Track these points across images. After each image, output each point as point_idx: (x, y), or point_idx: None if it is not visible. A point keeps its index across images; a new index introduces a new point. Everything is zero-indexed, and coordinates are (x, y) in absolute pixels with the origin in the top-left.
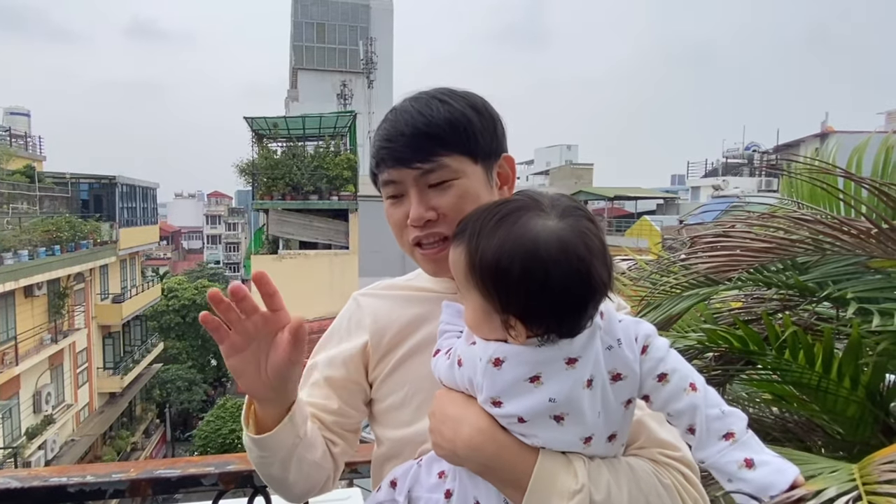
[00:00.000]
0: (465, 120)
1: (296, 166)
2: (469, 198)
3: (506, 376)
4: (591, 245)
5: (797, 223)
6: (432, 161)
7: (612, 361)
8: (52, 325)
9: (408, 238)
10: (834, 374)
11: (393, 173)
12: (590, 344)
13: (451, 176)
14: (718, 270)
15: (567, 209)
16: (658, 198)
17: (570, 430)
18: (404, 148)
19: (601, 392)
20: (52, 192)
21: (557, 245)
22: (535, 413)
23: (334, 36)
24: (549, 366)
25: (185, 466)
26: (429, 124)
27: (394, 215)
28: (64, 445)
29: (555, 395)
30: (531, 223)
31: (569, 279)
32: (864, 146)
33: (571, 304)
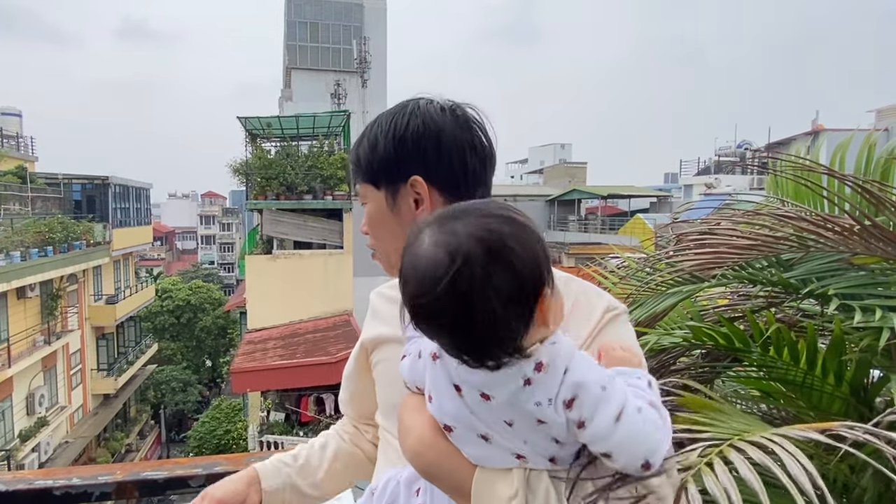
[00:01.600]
0: (371, 149)
1: (290, 166)
2: (373, 219)
3: (438, 372)
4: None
5: (782, 220)
6: (357, 184)
7: (538, 413)
8: (45, 327)
9: None
10: (818, 371)
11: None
12: (503, 390)
13: (366, 199)
14: (703, 268)
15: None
16: (651, 196)
17: (498, 449)
18: (352, 173)
19: (523, 432)
20: (45, 193)
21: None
22: (457, 419)
23: (328, 35)
24: (468, 385)
25: (172, 468)
26: (357, 157)
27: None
28: (58, 447)
29: (476, 417)
30: (422, 238)
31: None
32: (847, 143)
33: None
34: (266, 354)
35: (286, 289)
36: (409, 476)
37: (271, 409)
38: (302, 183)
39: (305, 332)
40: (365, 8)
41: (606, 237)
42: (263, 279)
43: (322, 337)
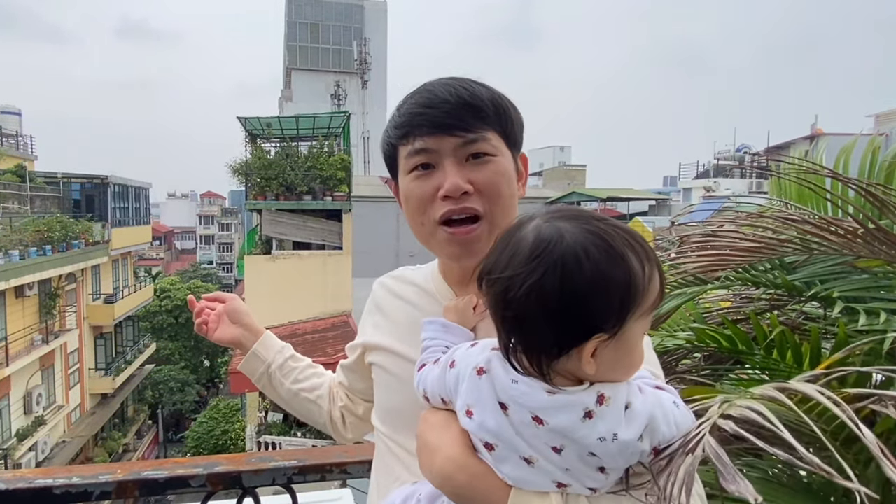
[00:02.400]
0: (505, 103)
1: (289, 166)
2: (505, 178)
3: (483, 387)
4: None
5: (785, 223)
6: (476, 132)
7: (597, 447)
8: (44, 326)
9: (434, 214)
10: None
11: (428, 141)
12: (561, 417)
13: (492, 150)
14: (707, 270)
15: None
16: (650, 199)
17: (541, 473)
18: (445, 115)
19: (570, 460)
20: (44, 192)
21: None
22: (499, 437)
23: (328, 36)
24: (518, 405)
25: (172, 468)
26: (473, 97)
27: (418, 189)
28: (55, 447)
29: (521, 438)
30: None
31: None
32: (851, 147)
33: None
34: None
35: (285, 289)
36: (430, 493)
37: (269, 410)
38: (301, 183)
39: (304, 333)
40: (365, 9)
41: None
42: (262, 279)
43: (321, 338)
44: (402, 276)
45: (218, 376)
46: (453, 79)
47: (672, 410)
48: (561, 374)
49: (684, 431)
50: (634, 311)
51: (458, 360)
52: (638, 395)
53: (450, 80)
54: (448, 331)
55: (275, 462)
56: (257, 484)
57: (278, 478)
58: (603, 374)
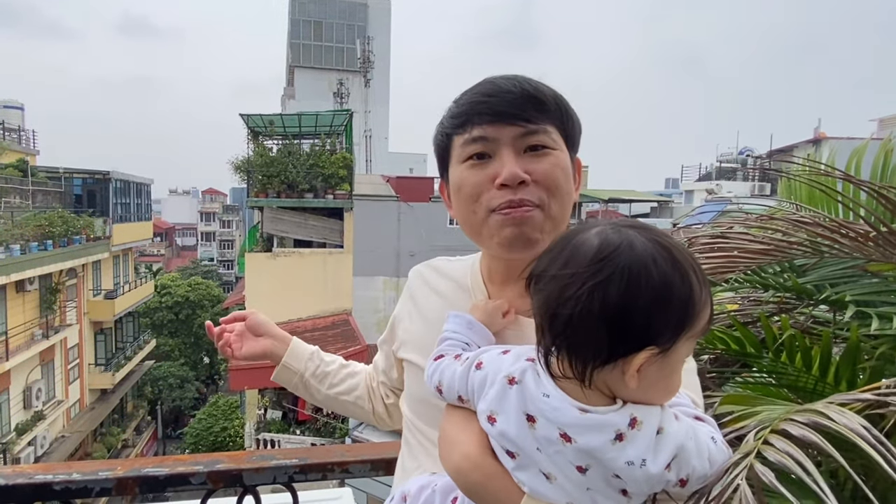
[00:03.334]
0: (566, 103)
1: (291, 164)
2: (563, 172)
3: (512, 397)
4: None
5: (796, 225)
6: (537, 123)
7: (624, 470)
8: (44, 321)
9: (488, 203)
10: (831, 378)
11: (488, 129)
12: (592, 438)
13: (552, 143)
14: (715, 272)
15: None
16: (652, 201)
17: (560, 490)
18: (508, 104)
19: (594, 480)
20: (45, 187)
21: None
22: (521, 448)
23: (331, 34)
24: (547, 420)
25: (173, 465)
26: (537, 91)
27: (473, 177)
28: (54, 442)
29: (543, 453)
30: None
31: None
32: (863, 149)
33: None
34: None
35: (285, 287)
36: (445, 485)
37: (268, 407)
38: (303, 181)
39: (304, 331)
40: (369, 7)
41: None
42: (263, 277)
43: (321, 336)
44: (439, 268)
45: (217, 373)
46: (516, 75)
47: (708, 444)
48: (598, 387)
49: (717, 467)
50: (688, 330)
51: (487, 363)
52: (672, 422)
53: (512, 75)
54: (472, 328)
55: (276, 461)
56: (258, 482)
57: (279, 476)
58: (642, 392)
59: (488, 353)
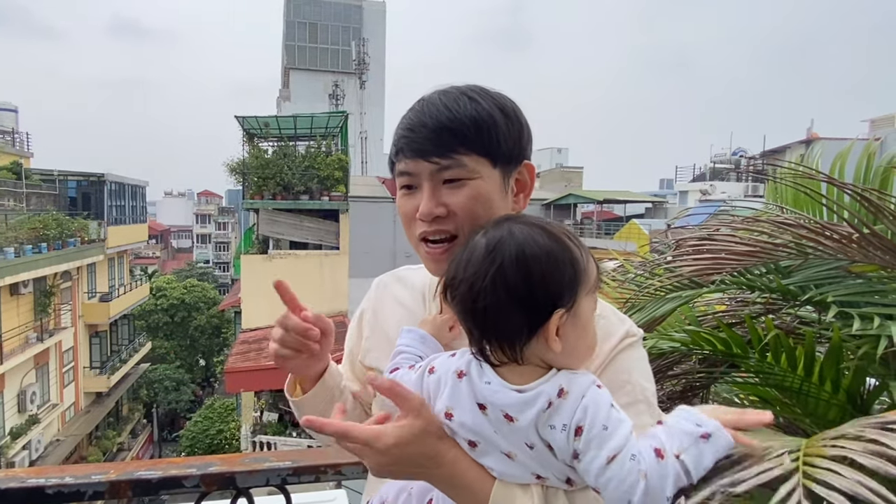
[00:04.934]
0: (491, 121)
1: (287, 166)
2: (481, 200)
3: (463, 390)
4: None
5: (781, 227)
6: (450, 157)
7: (551, 436)
8: (38, 324)
9: (415, 231)
10: (815, 378)
11: (409, 164)
12: (528, 412)
13: (467, 175)
14: (702, 273)
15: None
16: (646, 201)
17: (522, 466)
18: (424, 140)
19: (542, 455)
20: (40, 190)
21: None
22: (480, 435)
23: (326, 36)
24: (493, 406)
25: (166, 468)
26: (453, 120)
27: (404, 206)
28: (49, 445)
29: (500, 436)
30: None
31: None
32: (846, 152)
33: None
34: (260, 354)
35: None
36: (421, 488)
37: (265, 410)
38: (299, 183)
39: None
40: (364, 9)
41: (602, 242)
42: (258, 279)
43: None
44: (403, 278)
45: (213, 375)
46: (444, 94)
47: (623, 454)
48: (532, 362)
49: (614, 481)
50: (583, 286)
51: (438, 366)
52: (598, 400)
53: (440, 95)
54: (425, 342)
55: (269, 463)
56: (251, 485)
57: (272, 479)
58: (569, 352)
59: (439, 358)
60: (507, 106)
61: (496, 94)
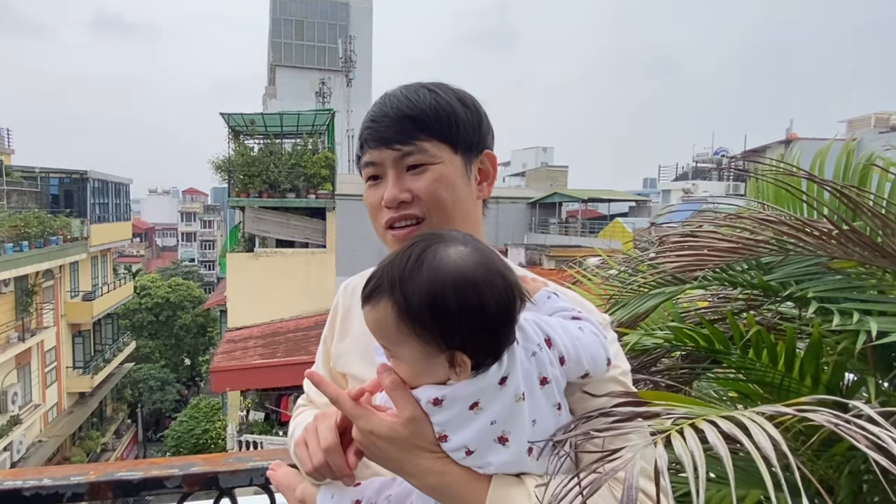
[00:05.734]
0: (450, 109)
1: (273, 164)
2: (444, 183)
3: (448, 412)
4: (498, 260)
5: (762, 224)
6: (412, 144)
7: (538, 366)
8: (20, 324)
9: (381, 220)
10: (796, 373)
11: (374, 154)
12: (512, 358)
13: (429, 160)
14: (685, 270)
15: (464, 236)
16: (630, 200)
17: (514, 447)
18: (386, 129)
19: (532, 401)
20: (21, 187)
21: (478, 266)
22: (479, 439)
23: (313, 33)
24: (485, 392)
25: (147, 468)
26: (413, 108)
27: (370, 197)
28: (31, 447)
29: (495, 416)
30: (446, 253)
31: (498, 294)
32: (826, 150)
33: (505, 318)
34: (246, 353)
35: (267, 287)
36: (400, 492)
37: (251, 409)
38: (285, 181)
39: (286, 332)
40: (351, 7)
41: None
42: (244, 277)
43: (303, 336)
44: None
45: (199, 375)
46: (406, 87)
47: (574, 332)
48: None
49: (591, 350)
50: None
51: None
52: (544, 318)
53: (402, 89)
54: None
55: (253, 462)
56: (234, 485)
57: (256, 478)
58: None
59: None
60: (466, 97)
61: (456, 88)
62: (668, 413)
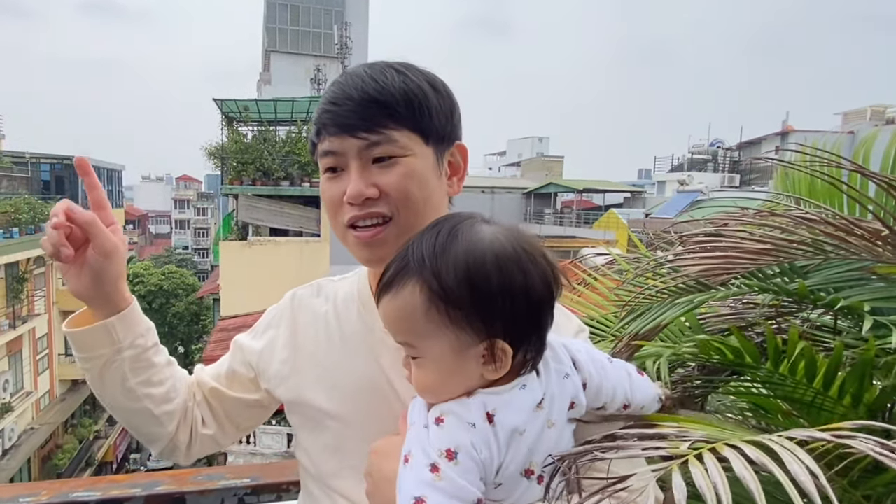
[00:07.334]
0: (422, 95)
1: (267, 151)
2: (415, 178)
3: (503, 429)
4: (536, 239)
5: (802, 223)
6: (380, 133)
7: (569, 390)
8: (11, 311)
9: (342, 218)
10: (834, 391)
11: (334, 142)
12: (548, 378)
13: (399, 152)
14: (711, 274)
15: (490, 217)
16: (625, 191)
17: (534, 482)
18: (350, 113)
19: (559, 430)
20: (11, 173)
21: (520, 240)
22: (514, 471)
23: (308, 19)
24: (530, 413)
25: (106, 488)
26: (381, 92)
27: (329, 191)
28: (23, 434)
29: (531, 444)
30: (480, 228)
31: (542, 273)
32: (872, 138)
33: (548, 302)
34: None
35: (261, 276)
36: None
37: None
38: (279, 169)
39: None
40: None
41: (581, 231)
42: (238, 266)
43: None
44: (322, 290)
45: (192, 363)
46: (370, 67)
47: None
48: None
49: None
50: None
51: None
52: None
53: (366, 68)
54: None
55: (224, 481)
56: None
57: (228, 498)
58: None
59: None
60: (437, 81)
61: (425, 71)
62: (683, 435)
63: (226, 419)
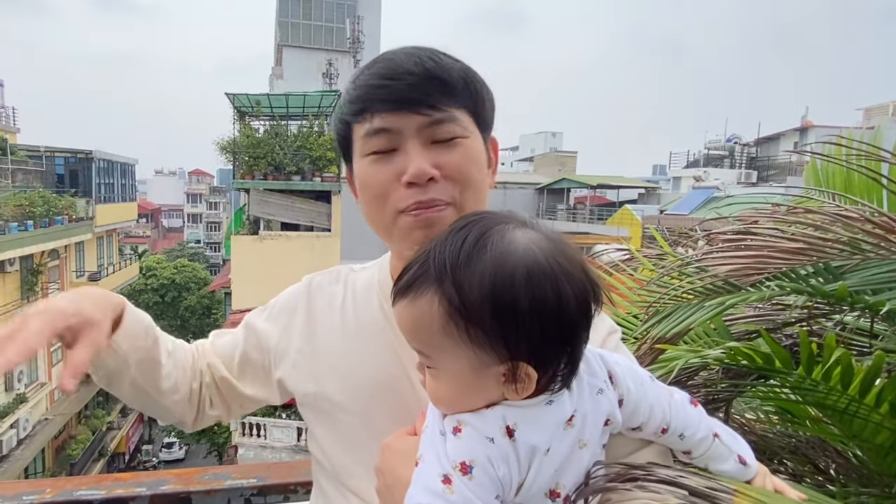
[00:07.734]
0: (477, 79)
1: (278, 145)
2: (476, 163)
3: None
4: (576, 248)
5: (834, 219)
6: (444, 110)
7: (604, 407)
8: (25, 303)
9: (396, 204)
10: (871, 399)
11: (389, 119)
12: (580, 393)
13: (461, 132)
14: (741, 274)
15: (528, 218)
16: (640, 187)
17: (560, 501)
18: (410, 88)
19: (592, 450)
20: (26, 166)
21: (557, 253)
22: (538, 491)
23: (321, 13)
24: (556, 430)
25: (111, 486)
26: (441, 69)
27: (378, 174)
28: (37, 424)
29: (558, 464)
30: (514, 236)
31: (579, 291)
32: None
33: (584, 324)
34: None
35: (272, 270)
36: None
37: None
38: (290, 163)
39: None
40: None
41: (595, 227)
42: (249, 260)
43: None
44: (342, 278)
45: None
46: (417, 48)
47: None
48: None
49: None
50: None
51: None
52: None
53: (414, 48)
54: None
55: (231, 481)
56: None
57: (234, 499)
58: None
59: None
60: (478, 72)
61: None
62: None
63: (234, 404)
